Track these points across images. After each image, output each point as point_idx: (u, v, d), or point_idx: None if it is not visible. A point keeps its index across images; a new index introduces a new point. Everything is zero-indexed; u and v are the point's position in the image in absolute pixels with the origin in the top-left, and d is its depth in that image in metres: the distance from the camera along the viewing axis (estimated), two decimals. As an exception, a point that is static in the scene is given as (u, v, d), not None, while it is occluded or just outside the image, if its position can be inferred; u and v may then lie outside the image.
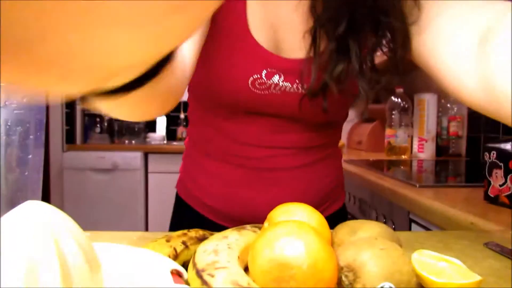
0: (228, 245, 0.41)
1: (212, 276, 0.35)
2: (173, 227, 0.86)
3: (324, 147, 0.78)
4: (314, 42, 0.63)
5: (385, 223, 1.07)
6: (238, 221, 0.73)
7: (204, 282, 0.35)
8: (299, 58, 0.66)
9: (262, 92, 0.67)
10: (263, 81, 0.66)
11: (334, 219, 0.75)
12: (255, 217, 0.72)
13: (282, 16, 0.66)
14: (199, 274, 0.36)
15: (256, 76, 0.66)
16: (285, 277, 0.34)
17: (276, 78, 0.66)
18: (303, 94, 0.65)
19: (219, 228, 0.73)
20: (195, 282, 0.36)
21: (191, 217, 0.81)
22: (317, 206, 0.75)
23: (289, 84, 0.66)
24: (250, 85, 0.66)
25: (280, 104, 0.68)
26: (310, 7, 0.63)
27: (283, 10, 0.66)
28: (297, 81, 0.66)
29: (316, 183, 0.78)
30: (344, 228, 0.49)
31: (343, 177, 0.86)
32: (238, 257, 0.40)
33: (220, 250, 0.40)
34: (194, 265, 0.38)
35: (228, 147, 0.73)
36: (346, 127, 2.76)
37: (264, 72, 0.66)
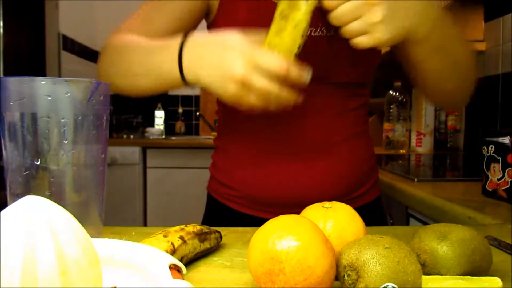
0: None
1: None
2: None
3: (356, 118, 0.78)
4: None
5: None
6: (267, 207, 0.73)
7: None
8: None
9: None
10: None
11: (368, 212, 0.71)
12: (284, 202, 0.72)
13: None
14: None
15: None
16: (275, 270, 0.34)
17: None
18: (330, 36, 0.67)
19: (251, 219, 0.73)
20: None
21: (222, 214, 0.79)
22: (352, 190, 0.75)
23: (313, 28, 0.68)
24: None
25: (304, 53, 0.65)
26: None
27: None
28: (320, 24, 0.68)
29: (352, 161, 0.75)
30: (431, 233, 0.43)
31: (375, 158, 0.84)
32: None
33: None
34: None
35: (254, 122, 0.72)
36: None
37: None
